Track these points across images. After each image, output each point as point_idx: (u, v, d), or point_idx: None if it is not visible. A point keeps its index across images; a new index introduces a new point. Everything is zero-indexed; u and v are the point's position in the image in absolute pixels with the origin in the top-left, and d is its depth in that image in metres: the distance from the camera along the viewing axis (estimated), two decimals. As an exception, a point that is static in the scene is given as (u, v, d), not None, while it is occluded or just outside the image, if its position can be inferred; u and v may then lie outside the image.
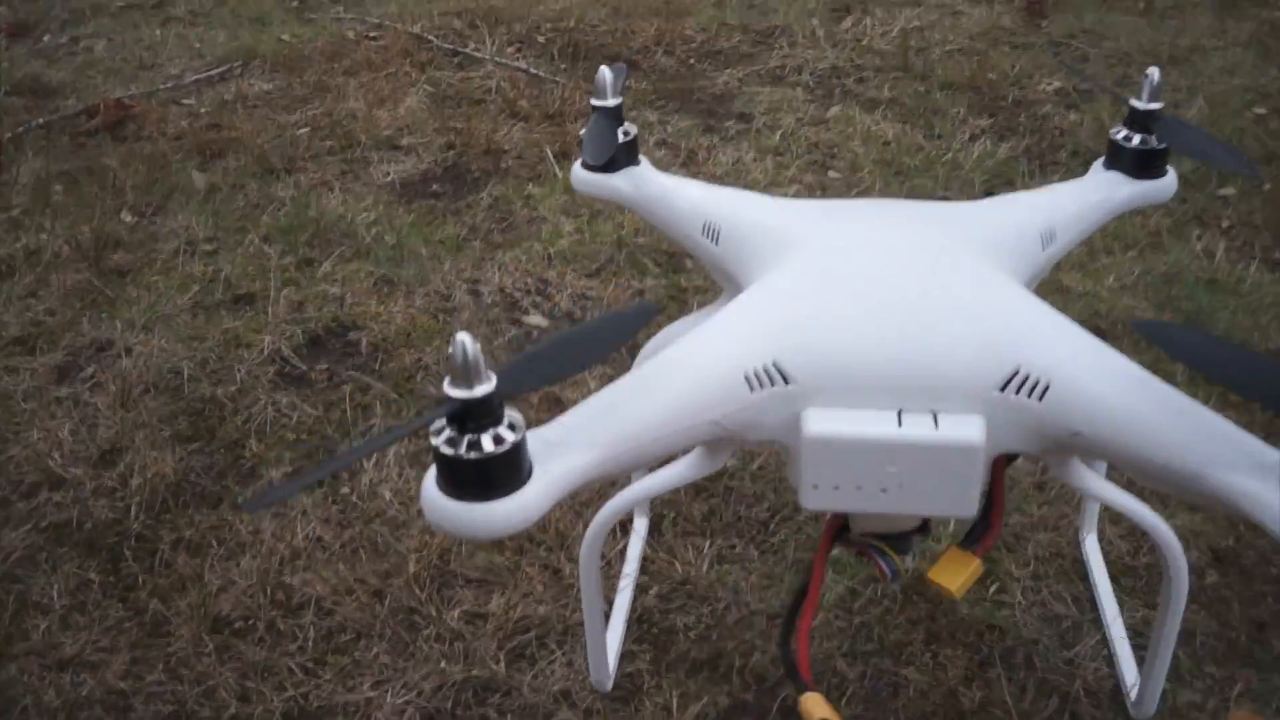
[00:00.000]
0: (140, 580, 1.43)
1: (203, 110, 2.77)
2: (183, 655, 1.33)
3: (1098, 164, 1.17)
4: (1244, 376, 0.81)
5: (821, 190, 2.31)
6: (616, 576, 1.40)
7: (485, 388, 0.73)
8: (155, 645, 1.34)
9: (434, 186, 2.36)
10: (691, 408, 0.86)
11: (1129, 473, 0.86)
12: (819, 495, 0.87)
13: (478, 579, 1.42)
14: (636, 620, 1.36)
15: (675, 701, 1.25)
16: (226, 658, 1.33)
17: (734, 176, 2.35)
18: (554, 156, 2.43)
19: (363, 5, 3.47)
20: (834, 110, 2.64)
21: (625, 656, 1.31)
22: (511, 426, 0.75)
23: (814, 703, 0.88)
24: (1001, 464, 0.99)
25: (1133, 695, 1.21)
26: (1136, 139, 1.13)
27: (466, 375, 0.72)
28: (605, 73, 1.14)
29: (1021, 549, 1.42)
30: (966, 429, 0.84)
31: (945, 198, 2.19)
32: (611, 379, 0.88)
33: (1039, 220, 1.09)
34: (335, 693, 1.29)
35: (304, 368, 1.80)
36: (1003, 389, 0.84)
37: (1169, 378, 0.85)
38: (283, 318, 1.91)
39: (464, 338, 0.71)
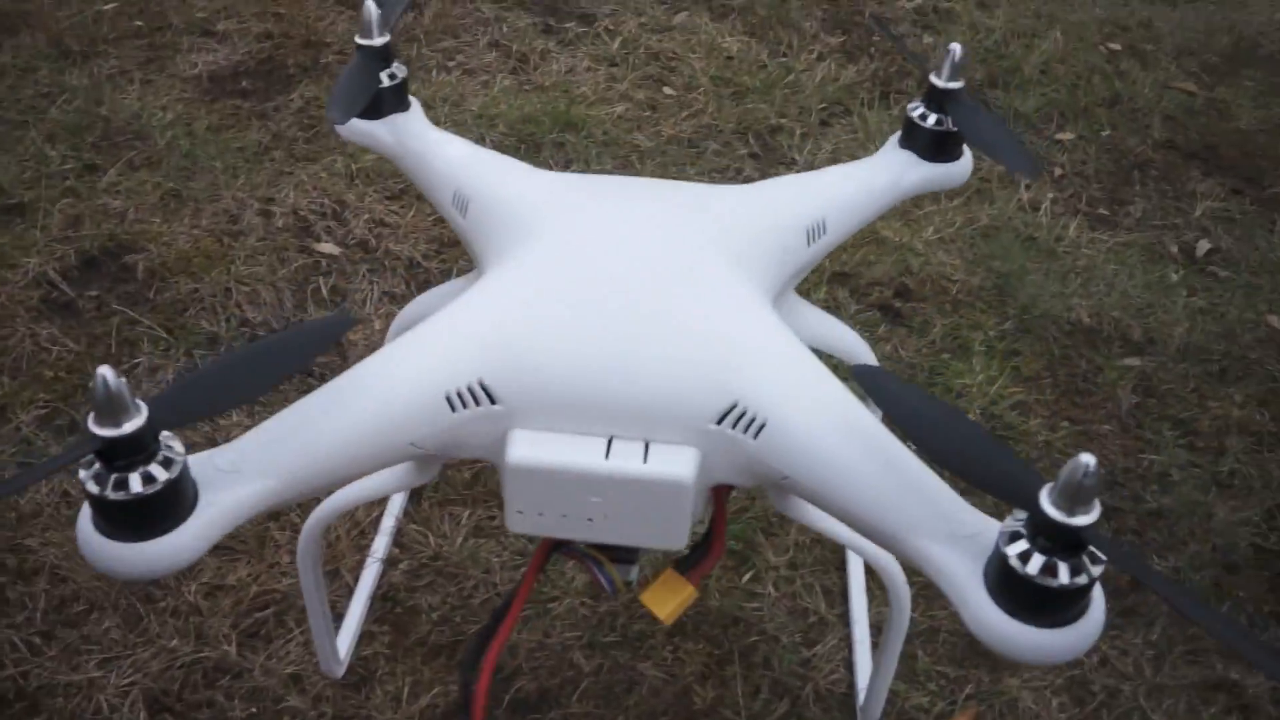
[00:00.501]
0: None
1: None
2: (-108, 629, 1.27)
3: (892, 140, 1.11)
4: (943, 449, 0.77)
5: (652, 109, 2.22)
6: (369, 546, 1.37)
7: (133, 424, 0.67)
8: None
9: (243, 83, 2.21)
10: (386, 430, 0.81)
11: (841, 519, 0.83)
12: (524, 520, 0.84)
13: (224, 545, 1.37)
14: (381, 597, 1.33)
15: (407, 690, 1.23)
16: (-58, 630, 1.27)
17: (562, 88, 2.24)
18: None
19: None
20: (681, 17, 2.53)
21: (364, 637, 1.28)
22: (166, 462, 0.69)
23: None
24: (723, 492, 0.96)
25: (861, 699, 1.23)
26: (933, 119, 1.07)
27: (111, 410, 0.66)
28: (370, 8, 1.04)
29: (783, 535, 1.42)
30: (676, 464, 0.80)
31: (757, 156, 2.13)
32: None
33: (808, 212, 1.02)
34: (59, 671, 1.24)
35: (72, 294, 1.70)
36: (719, 422, 0.80)
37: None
38: (55, 235, 1.78)
39: (105, 372, 0.65)
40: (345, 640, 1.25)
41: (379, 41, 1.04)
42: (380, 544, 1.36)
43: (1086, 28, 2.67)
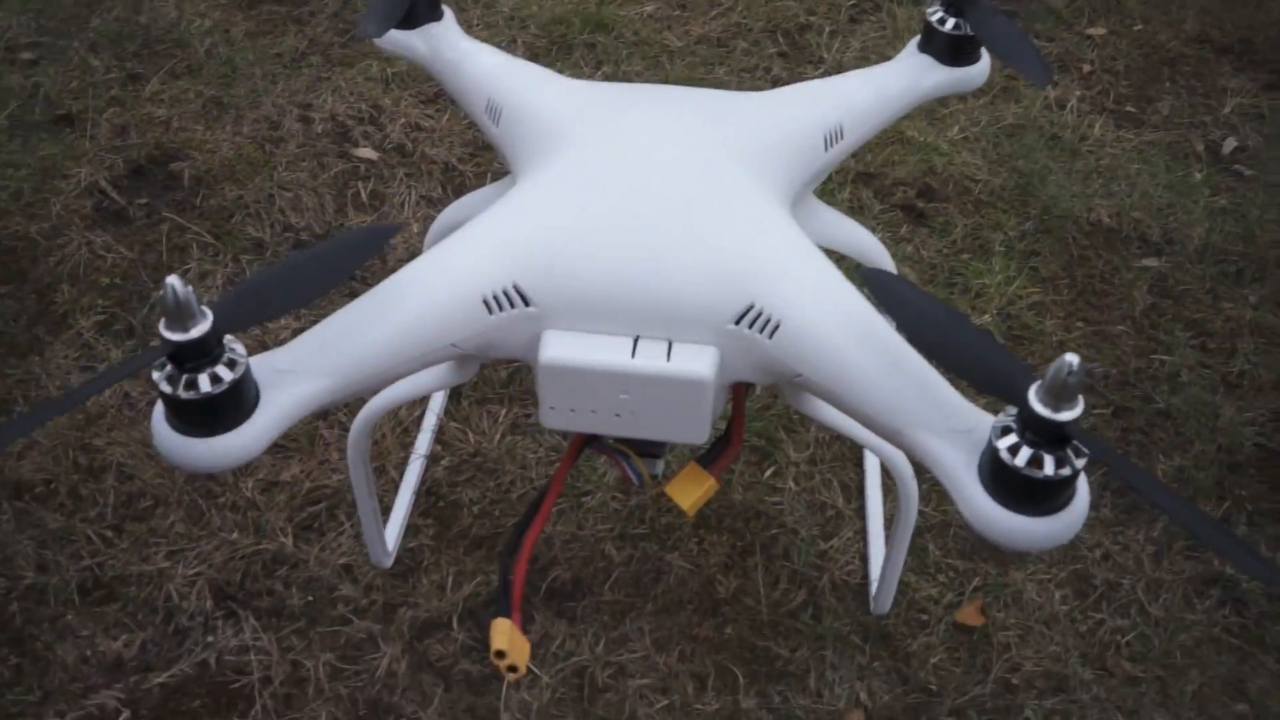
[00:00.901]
0: (-61, 440, 1.45)
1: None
2: (-21, 522, 1.38)
3: (912, 44, 1.15)
4: (943, 348, 0.84)
5: (682, 8, 2.23)
6: (412, 444, 1.46)
7: (200, 328, 0.75)
8: (-50, 512, 1.39)
9: (279, -14, 2.24)
10: (428, 333, 0.88)
11: (849, 414, 0.90)
12: (556, 416, 0.91)
13: (277, 444, 1.46)
14: (425, 493, 1.42)
15: (450, 579, 1.33)
16: (24, 524, 1.37)
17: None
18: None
19: None
20: (712, -89, 2.51)
21: (410, 530, 1.38)
22: (231, 364, 0.77)
23: (500, 631, 0.94)
24: (742, 389, 1.04)
25: (874, 590, 1.32)
26: (951, 23, 1.11)
27: (180, 317, 0.74)
28: None
29: (803, 432, 1.49)
30: (697, 362, 0.87)
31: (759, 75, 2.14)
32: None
33: (826, 118, 1.07)
34: (130, 562, 1.35)
35: (123, 202, 1.77)
36: (737, 322, 0.87)
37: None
38: (104, 144, 1.85)
39: (173, 281, 0.72)
40: (392, 533, 1.35)
41: None
42: (423, 441, 1.44)
43: (1123, -86, 2.62)
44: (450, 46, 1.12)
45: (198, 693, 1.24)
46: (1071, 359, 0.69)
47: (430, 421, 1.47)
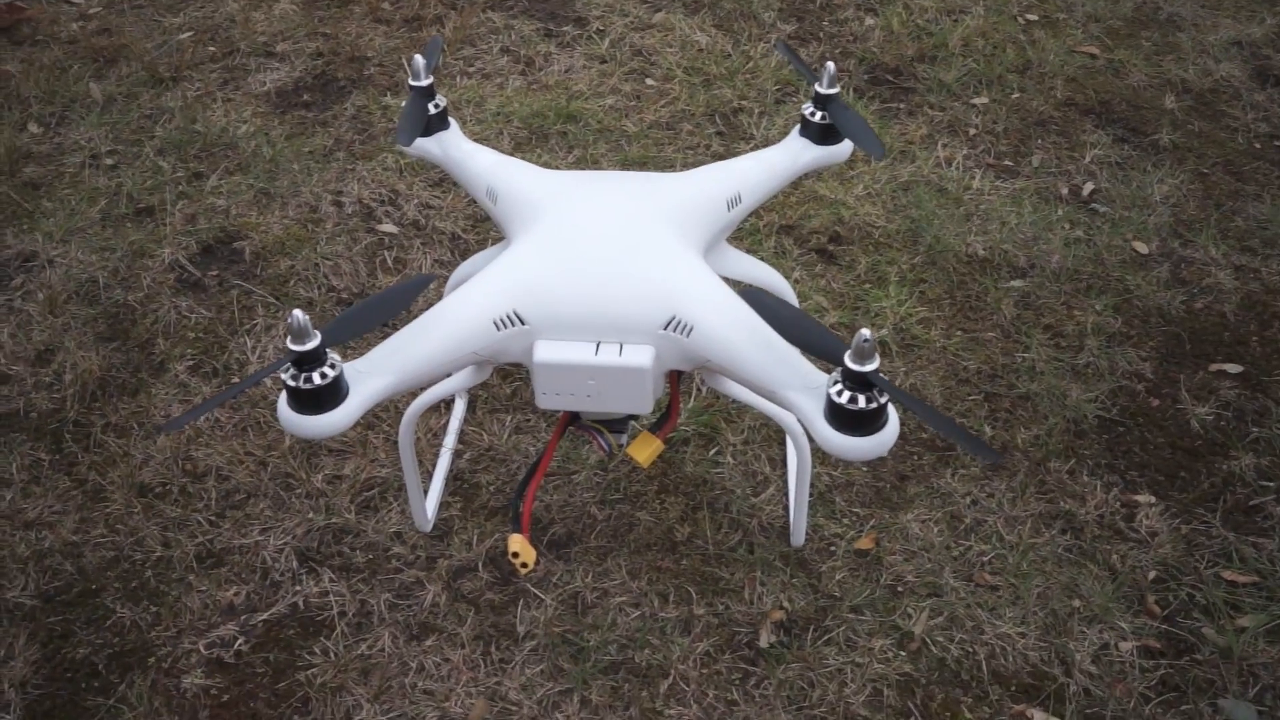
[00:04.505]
0: (79, 457, 1.89)
1: (91, 11, 3.05)
2: (118, 514, 1.81)
3: (795, 129, 1.59)
4: (794, 334, 1.29)
5: (636, 99, 2.72)
6: (440, 445, 1.90)
7: (313, 343, 1.19)
8: (96, 508, 1.82)
9: (304, 96, 2.73)
10: (458, 344, 1.32)
11: (743, 385, 1.33)
12: (547, 399, 1.35)
13: (337, 449, 1.90)
14: (453, 478, 1.86)
15: (475, 538, 1.77)
16: (151, 515, 1.81)
17: (562, 86, 2.74)
18: (409, 65, 2.80)
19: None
20: (659, 16, 3.02)
21: (442, 506, 1.82)
22: (332, 366, 1.21)
23: (515, 540, 1.38)
24: (675, 375, 1.49)
25: (792, 528, 1.76)
26: (819, 115, 1.57)
27: (300, 336, 1.18)
28: (419, 60, 1.53)
29: (739, 421, 1.94)
30: (640, 356, 1.30)
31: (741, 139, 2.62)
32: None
33: (727, 189, 1.50)
34: (233, 538, 1.78)
35: (198, 274, 2.23)
36: (665, 328, 1.31)
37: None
38: (178, 229, 2.32)
39: (297, 313, 1.17)
40: (431, 505, 1.78)
41: (425, 82, 1.55)
42: (449, 439, 1.89)
43: (1007, 1, 3.14)
44: (457, 148, 1.58)
45: (292, 624, 1.67)
46: (865, 332, 1.13)
47: (454, 425, 1.92)
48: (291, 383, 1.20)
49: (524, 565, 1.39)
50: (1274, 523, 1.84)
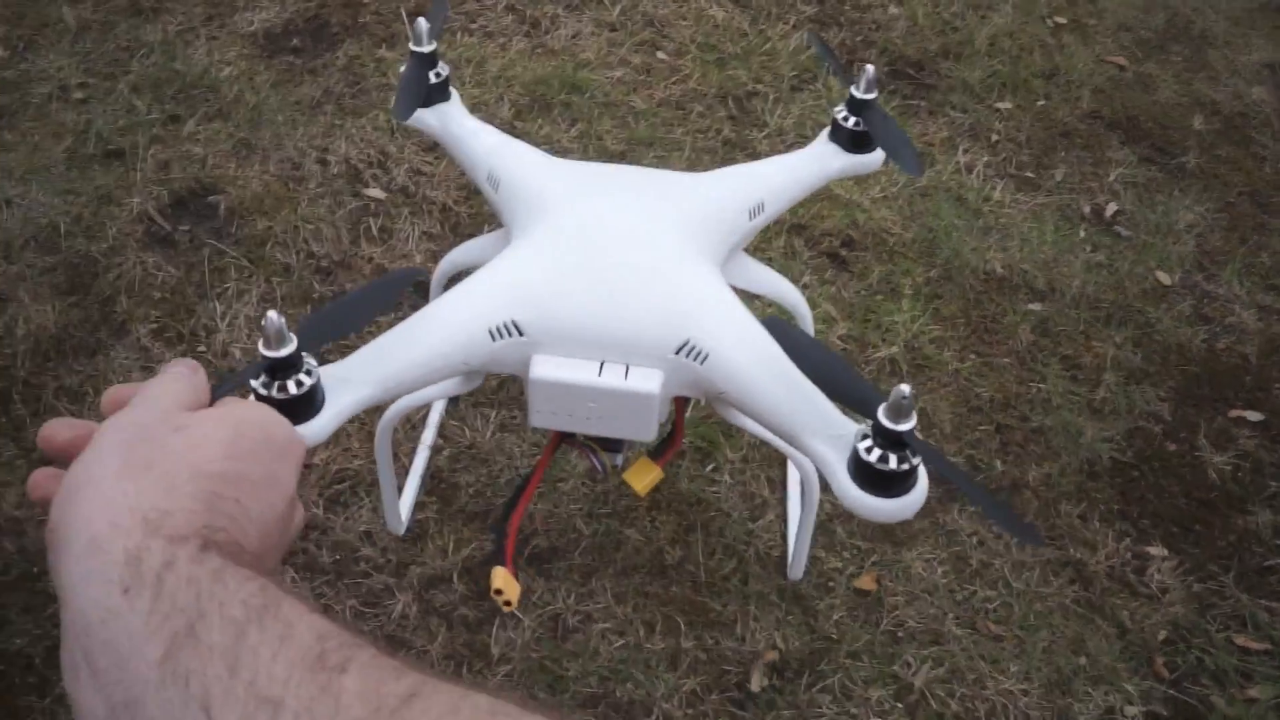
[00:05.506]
0: (28, 422, 1.75)
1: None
2: (62, 489, 1.66)
3: (824, 133, 1.46)
4: (822, 376, 1.16)
5: (647, 73, 2.58)
6: (418, 439, 1.77)
7: (288, 349, 1.05)
8: (40, 481, 1.67)
9: (294, 41, 2.56)
10: (448, 354, 1.18)
11: (758, 421, 1.21)
12: (542, 417, 1.22)
13: (307, 435, 1.77)
14: (430, 477, 1.73)
15: (452, 544, 1.64)
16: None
17: (569, 53, 2.59)
18: (408, 18, 2.63)
19: None
20: (676, -15, 2.87)
21: (418, 506, 1.69)
22: (308, 372, 1.08)
23: (498, 575, 1.25)
24: (682, 401, 1.36)
25: (790, 561, 1.65)
26: (852, 121, 1.43)
27: (277, 341, 1.05)
28: (421, 23, 1.38)
29: (739, 436, 1.82)
30: (648, 381, 1.18)
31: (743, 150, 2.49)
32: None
33: (750, 195, 1.36)
34: (187, 524, 1.65)
35: (168, 228, 2.07)
36: (677, 352, 1.18)
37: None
38: (150, 177, 2.15)
39: (272, 314, 1.03)
40: (406, 506, 1.65)
41: (428, 49, 1.39)
42: (428, 435, 1.76)
43: (1035, 2, 3.01)
44: (457, 123, 1.42)
45: (247, 628, 1.54)
46: (905, 388, 1.01)
47: (434, 419, 1.78)
48: (263, 391, 1.07)
49: (507, 603, 1.26)
50: (1288, 586, 1.75)
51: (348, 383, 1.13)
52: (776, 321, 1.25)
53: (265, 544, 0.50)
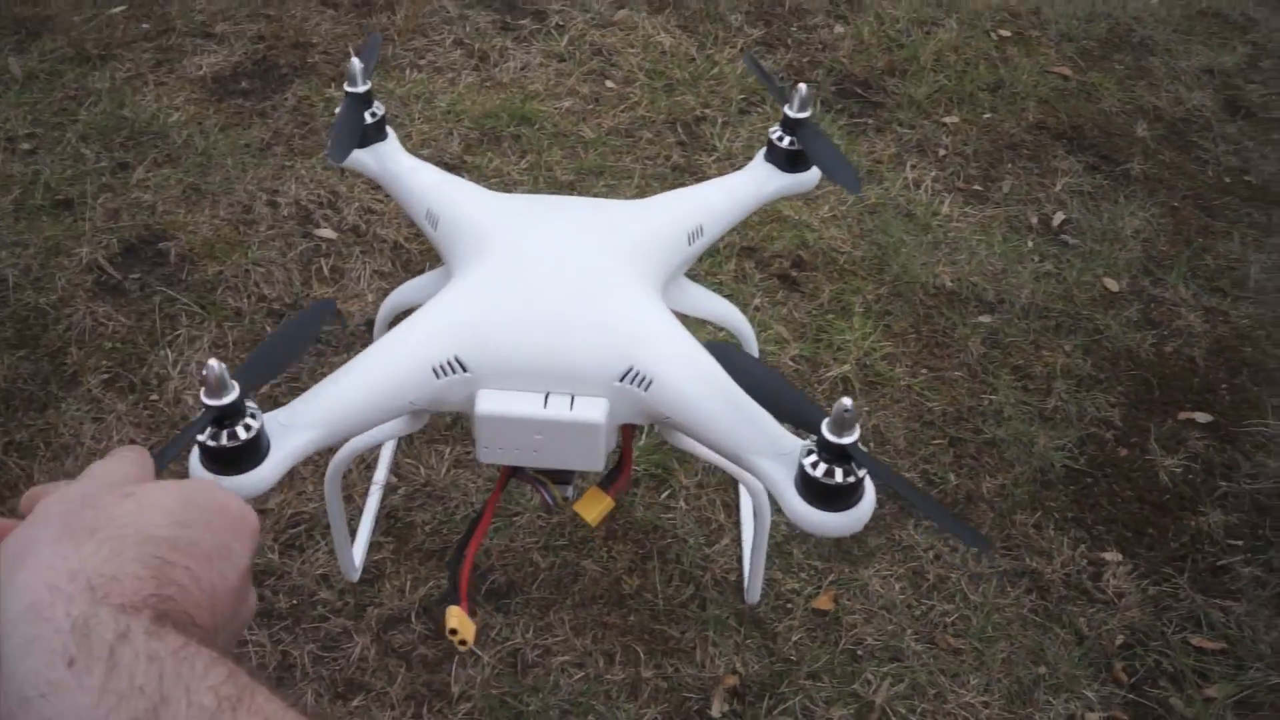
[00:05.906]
0: (-24, 480, 1.74)
1: (18, -23, 2.86)
2: (15, 546, 1.66)
3: (760, 153, 1.44)
4: (766, 396, 1.17)
5: (595, 102, 2.59)
6: (370, 479, 1.77)
7: (231, 396, 1.06)
8: (-8, 538, 1.67)
9: (243, 83, 2.56)
10: (392, 394, 1.19)
11: (705, 445, 1.22)
12: (489, 453, 1.22)
13: (262, 479, 1.76)
14: (385, 516, 1.73)
15: (409, 583, 1.64)
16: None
17: (518, 85, 2.61)
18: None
19: None
20: (621, 14, 2.89)
21: (373, 547, 1.69)
22: (253, 417, 1.08)
23: (453, 614, 1.25)
24: (629, 429, 1.36)
25: (746, 584, 1.65)
26: (787, 140, 1.44)
27: (219, 389, 1.05)
28: (355, 63, 1.38)
29: (693, 462, 1.83)
30: (593, 410, 1.17)
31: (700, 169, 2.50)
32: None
33: (689, 220, 1.36)
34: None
35: (119, 277, 2.07)
36: (621, 380, 1.18)
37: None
38: (99, 226, 2.15)
39: (213, 363, 1.02)
40: (359, 551, 1.65)
41: (362, 89, 1.39)
42: (380, 474, 1.76)
43: (980, 15, 3.05)
44: (394, 161, 1.42)
45: (205, 677, 1.54)
46: (846, 401, 1.02)
47: (386, 457, 1.78)
48: (211, 442, 1.06)
49: (463, 643, 1.26)
50: (1242, 584, 1.77)
51: (293, 428, 1.13)
52: (719, 345, 1.26)
53: (216, 619, 0.46)
